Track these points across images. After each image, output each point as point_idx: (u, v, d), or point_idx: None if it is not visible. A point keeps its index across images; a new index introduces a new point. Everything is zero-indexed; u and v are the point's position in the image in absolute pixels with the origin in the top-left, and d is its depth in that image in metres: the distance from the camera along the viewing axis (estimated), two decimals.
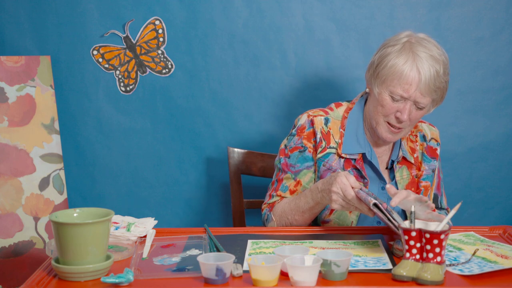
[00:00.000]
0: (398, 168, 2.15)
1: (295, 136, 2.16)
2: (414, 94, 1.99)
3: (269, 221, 2.12)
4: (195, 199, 2.85)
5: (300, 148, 2.14)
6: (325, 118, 2.14)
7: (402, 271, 1.55)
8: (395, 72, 1.99)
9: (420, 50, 2.00)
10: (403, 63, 1.98)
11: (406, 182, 2.15)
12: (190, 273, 1.60)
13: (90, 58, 2.77)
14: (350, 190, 1.84)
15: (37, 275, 1.61)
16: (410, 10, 2.75)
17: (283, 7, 2.75)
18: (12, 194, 2.64)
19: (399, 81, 1.99)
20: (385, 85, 2.02)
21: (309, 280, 1.51)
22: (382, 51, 2.05)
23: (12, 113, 2.66)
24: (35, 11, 2.74)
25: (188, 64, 2.78)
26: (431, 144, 2.22)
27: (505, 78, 2.79)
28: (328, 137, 2.12)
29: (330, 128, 2.13)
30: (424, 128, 2.25)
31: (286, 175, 2.15)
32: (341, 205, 1.88)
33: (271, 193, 2.17)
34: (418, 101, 2.00)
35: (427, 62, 1.98)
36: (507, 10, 2.75)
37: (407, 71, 1.98)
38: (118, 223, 1.93)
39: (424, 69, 1.97)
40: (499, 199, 2.84)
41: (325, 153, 2.12)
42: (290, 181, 2.14)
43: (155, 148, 2.83)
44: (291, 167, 2.15)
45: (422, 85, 1.97)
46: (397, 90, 2.00)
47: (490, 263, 1.67)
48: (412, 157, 2.17)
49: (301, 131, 2.15)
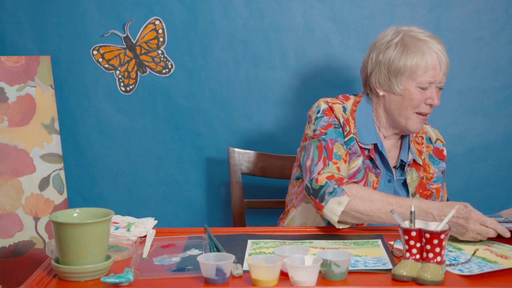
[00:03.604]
0: (409, 171, 2.18)
1: (324, 116, 2.12)
2: (440, 77, 2.08)
3: (336, 195, 1.93)
4: (195, 199, 2.85)
5: (335, 125, 2.11)
6: (342, 106, 2.16)
7: (402, 271, 1.55)
8: (419, 65, 2.06)
9: (425, 37, 2.09)
10: (425, 55, 2.06)
11: (415, 184, 2.18)
12: (190, 273, 1.60)
13: (90, 58, 2.77)
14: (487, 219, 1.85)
15: (37, 275, 1.61)
16: (410, 10, 2.75)
17: (283, 7, 2.75)
18: (12, 194, 2.64)
19: (425, 70, 2.06)
20: (410, 80, 2.08)
21: (309, 280, 1.51)
22: (384, 55, 2.10)
23: (12, 113, 2.66)
24: (35, 11, 2.74)
25: (188, 64, 2.78)
26: (438, 145, 2.26)
27: (505, 78, 2.79)
28: (348, 123, 2.13)
29: (348, 116, 2.15)
30: (429, 130, 2.28)
31: (336, 144, 2.06)
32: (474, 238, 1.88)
33: (324, 161, 2.02)
34: (441, 81, 2.10)
35: (433, 41, 2.08)
36: (507, 10, 2.75)
37: (429, 59, 2.06)
38: (118, 223, 1.93)
39: (437, 48, 2.07)
40: (499, 199, 2.84)
41: (349, 137, 2.12)
42: (342, 150, 2.06)
43: (155, 148, 2.83)
44: (336, 141, 2.07)
45: (443, 64, 2.08)
46: (425, 79, 2.07)
47: (490, 263, 1.67)
48: (420, 159, 2.20)
49: (329, 112, 2.13)
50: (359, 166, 2.11)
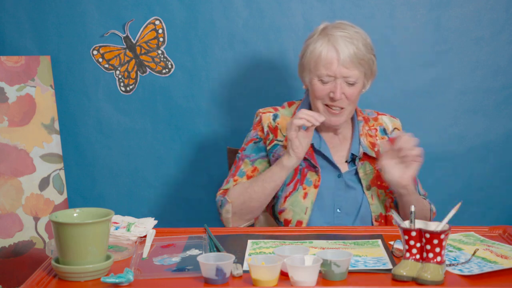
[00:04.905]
0: (361, 165, 2.18)
1: (251, 131, 2.26)
2: (338, 70, 2.07)
3: (223, 206, 2.14)
4: (195, 199, 2.85)
5: (255, 140, 2.23)
6: (273, 114, 2.23)
7: (402, 271, 1.55)
8: (315, 57, 2.10)
9: (335, 32, 2.10)
10: (320, 46, 2.09)
11: (371, 177, 2.18)
12: (190, 273, 1.60)
13: (90, 58, 2.77)
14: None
15: (37, 275, 1.61)
16: (410, 10, 2.75)
17: (283, 7, 2.75)
18: (12, 194, 2.64)
19: (321, 63, 2.08)
20: (312, 73, 2.11)
21: (309, 280, 1.51)
22: (303, 46, 2.16)
23: (12, 113, 2.66)
24: (35, 11, 2.74)
25: (188, 64, 2.78)
26: (394, 135, 2.23)
27: (505, 78, 2.79)
28: (275, 131, 2.21)
29: (279, 123, 2.21)
30: (385, 121, 2.27)
31: (244, 161, 2.21)
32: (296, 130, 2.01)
33: (228, 179, 2.21)
34: (346, 75, 2.08)
35: (342, 39, 2.08)
36: (507, 10, 2.75)
37: (325, 52, 2.08)
38: (118, 223, 1.93)
39: (340, 45, 2.07)
40: (499, 199, 2.84)
41: (272, 144, 2.20)
42: (248, 167, 2.20)
43: (155, 148, 2.83)
44: (247, 158, 2.22)
45: (342, 60, 2.06)
46: (322, 72, 2.08)
47: (490, 263, 1.67)
48: (373, 152, 2.19)
49: (256, 125, 2.25)
50: None
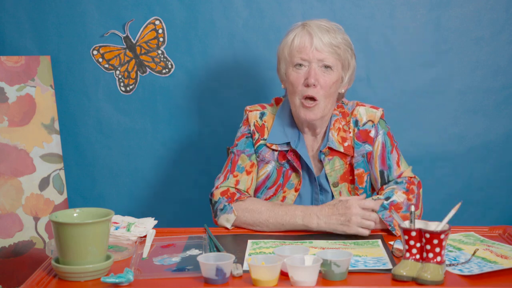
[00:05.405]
0: (328, 160, 2.12)
1: (241, 127, 2.21)
2: (312, 53, 2.04)
3: (225, 212, 2.03)
4: (195, 199, 2.85)
5: (247, 135, 2.18)
6: (260, 112, 2.19)
7: (402, 271, 1.55)
8: (289, 44, 2.08)
9: (310, 23, 2.08)
10: (294, 35, 2.08)
11: (340, 173, 2.13)
12: (190, 273, 1.60)
13: (90, 58, 2.77)
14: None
15: (37, 275, 1.61)
16: (410, 10, 2.75)
17: (283, 7, 2.75)
18: (12, 194, 2.64)
19: (295, 49, 2.06)
20: (289, 62, 2.09)
21: (309, 280, 1.51)
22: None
23: (12, 113, 2.66)
24: (35, 11, 2.74)
25: (188, 64, 2.78)
26: (365, 127, 2.14)
27: (505, 78, 2.79)
28: (262, 129, 2.16)
29: (265, 121, 2.17)
30: (360, 112, 2.16)
31: (241, 157, 2.15)
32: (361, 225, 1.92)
33: (225, 175, 2.12)
34: (320, 58, 2.04)
35: (318, 28, 2.06)
36: (507, 10, 2.75)
37: (299, 38, 2.07)
38: (118, 223, 1.93)
39: (314, 30, 2.05)
40: (499, 199, 2.84)
41: (258, 144, 2.15)
42: (246, 162, 2.14)
43: (155, 148, 2.83)
44: (242, 153, 2.16)
45: (316, 43, 2.04)
46: (297, 57, 2.05)
47: (489, 263, 1.67)
48: (341, 146, 2.11)
49: (245, 121, 2.20)
50: (269, 172, 2.14)
